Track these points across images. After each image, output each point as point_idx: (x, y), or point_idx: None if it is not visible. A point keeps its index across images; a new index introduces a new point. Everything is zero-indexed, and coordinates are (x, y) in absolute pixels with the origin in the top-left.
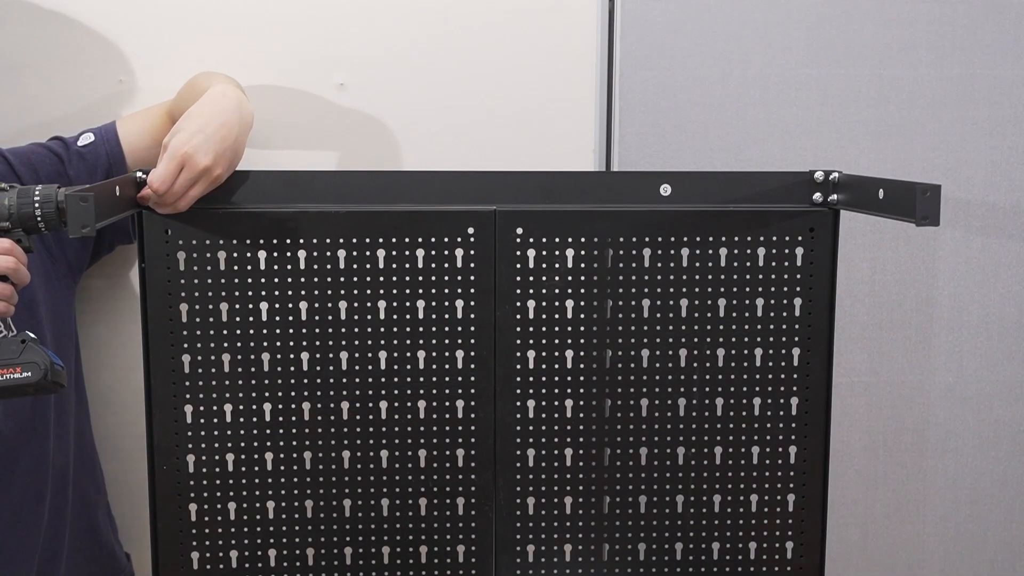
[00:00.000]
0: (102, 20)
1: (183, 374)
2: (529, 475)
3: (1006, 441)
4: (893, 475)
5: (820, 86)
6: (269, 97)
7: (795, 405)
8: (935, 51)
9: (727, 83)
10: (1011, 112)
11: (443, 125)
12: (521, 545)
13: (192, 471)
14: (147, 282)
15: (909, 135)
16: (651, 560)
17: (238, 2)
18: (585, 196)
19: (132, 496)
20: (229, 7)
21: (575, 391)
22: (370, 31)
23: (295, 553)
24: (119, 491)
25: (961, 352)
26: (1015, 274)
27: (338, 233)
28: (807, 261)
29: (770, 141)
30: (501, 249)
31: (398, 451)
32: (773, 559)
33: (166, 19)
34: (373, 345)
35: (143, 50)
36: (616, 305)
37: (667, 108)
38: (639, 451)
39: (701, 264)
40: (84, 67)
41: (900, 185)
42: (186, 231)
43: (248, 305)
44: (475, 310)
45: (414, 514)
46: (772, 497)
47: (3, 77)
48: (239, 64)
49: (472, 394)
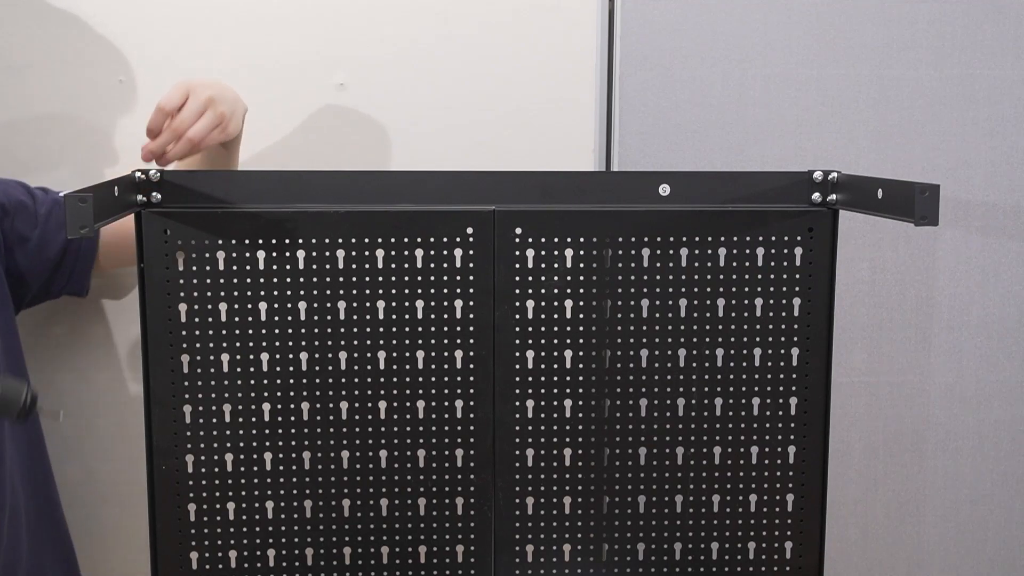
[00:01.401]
0: (102, 20)
1: (182, 374)
2: (528, 475)
3: (1006, 441)
4: (893, 475)
5: (820, 86)
6: (269, 97)
7: (794, 405)
8: (935, 51)
9: (727, 83)
10: (1011, 112)
11: (443, 125)
12: (520, 545)
13: (191, 471)
14: (146, 282)
15: (909, 135)
16: (650, 560)
17: (238, 2)
18: (584, 196)
19: (131, 496)
20: (229, 7)
21: (574, 391)
22: (370, 31)
23: (294, 553)
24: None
25: (961, 352)
26: (1015, 274)
27: (337, 233)
28: (806, 261)
29: (770, 141)
30: (500, 249)
31: (397, 451)
32: (772, 559)
33: (166, 19)
34: (372, 345)
35: (143, 50)
36: (615, 305)
37: (667, 108)
38: (638, 451)
39: (700, 264)
40: (84, 67)
41: (899, 185)
42: (185, 231)
43: (247, 305)
44: (474, 310)
45: (413, 514)
46: (771, 497)
47: (3, 77)
48: (239, 64)
49: (471, 394)
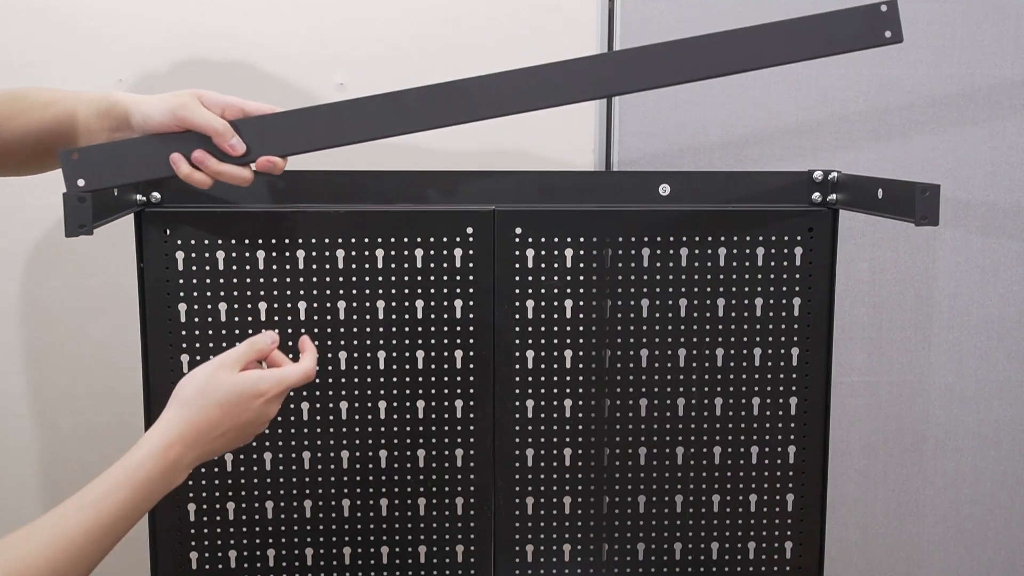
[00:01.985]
0: (102, 20)
1: (181, 374)
2: (528, 475)
3: (1006, 441)
4: (893, 475)
5: (820, 86)
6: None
7: (794, 405)
8: (935, 51)
9: (727, 83)
10: (1011, 112)
11: None
12: (520, 545)
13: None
14: (146, 282)
15: (909, 135)
16: (650, 560)
17: (238, 2)
18: (584, 196)
19: None
20: (229, 7)
21: (574, 391)
22: (370, 31)
23: (294, 553)
24: None
25: (961, 352)
26: (1015, 274)
27: (337, 233)
28: (806, 261)
29: (770, 141)
30: (500, 249)
31: (397, 451)
32: (772, 559)
33: (166, 18)
34: (372, 345)
35: (143, 50)
36: (615, 305)
37: (667, 108)
38: (638, 451)
39: (700, 264)
40: (84, 67)
41: (899, 185)
42: (184, 231)
43: (247, 305)
44: (474, 310)
45: (413, 514)
46: (771, 497)
47: (3, 77)
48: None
49: (471, 394)
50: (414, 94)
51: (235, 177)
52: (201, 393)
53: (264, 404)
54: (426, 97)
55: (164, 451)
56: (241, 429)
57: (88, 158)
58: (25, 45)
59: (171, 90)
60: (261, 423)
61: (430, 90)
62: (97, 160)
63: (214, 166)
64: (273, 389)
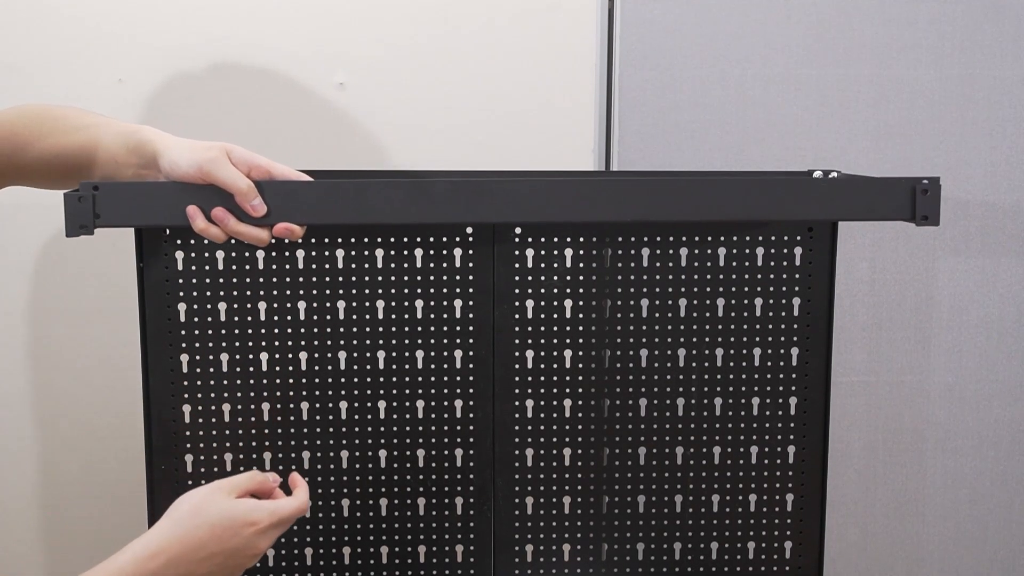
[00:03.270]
0: (102, 20)
1: (181, 374)
2: (527, 475)
3: (1006, 441)
4: (893, 475)
5: (820, 86)
6: (269, 97)
7: (794, 405)
8: (935, 51)
9: (727, 83)
10: (1011, 112)
11: (443, 125)
12: (519, 545)
13: (190, 471)
14: (145, 282)
15: (909, 135)
16: (649, 560)
17: (238, 2)
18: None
19: (130, 496)
20: (229, 7)
21: (574, 391)
22: (370, 31)
23: (294, 553)
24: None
25: (960, 352)
26: (1015, 274)
27: (336, 233)
28: (806, 261)
29: (770, 141)
30: (500, 249)
31: (397, 451)
32: (772, 559)
33: (166, 19)
34: (372, 345)
35: (143, 50)
36: (615, 305)
37: (667, 108)
38: (638, 451)
39: (700, 264)
40: (84, 67)
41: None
42: (184, 230)
43: (246, 305)
44: (473, 310)
45: (412, 514)
46: (771, 497)
47: (3, 77)
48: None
49: (471, 394)
50: (442, 187)
51: (252, 237)
52: (194, 512)
53: (255, 534)
54: (454, 191)
55: (146, 560)
56: (228, 556)
57: (107, 194)
58: (25, 45)
59: (171, 90)
60: (250, 555)
61: (458, 185)
62: (115, 198)
63: (233, 225)
64: (266, 520)
